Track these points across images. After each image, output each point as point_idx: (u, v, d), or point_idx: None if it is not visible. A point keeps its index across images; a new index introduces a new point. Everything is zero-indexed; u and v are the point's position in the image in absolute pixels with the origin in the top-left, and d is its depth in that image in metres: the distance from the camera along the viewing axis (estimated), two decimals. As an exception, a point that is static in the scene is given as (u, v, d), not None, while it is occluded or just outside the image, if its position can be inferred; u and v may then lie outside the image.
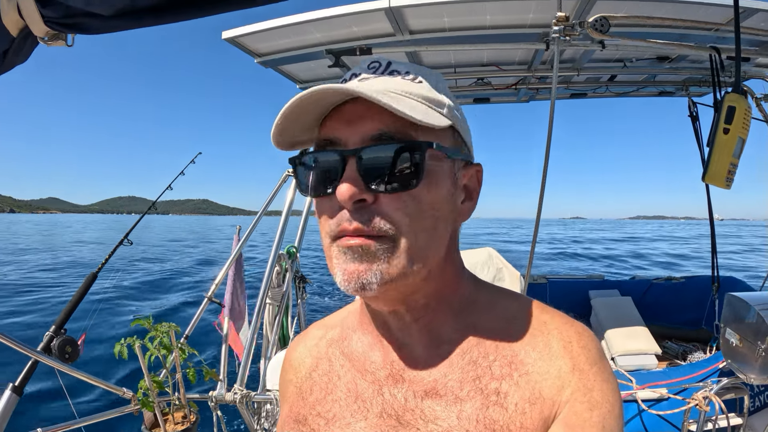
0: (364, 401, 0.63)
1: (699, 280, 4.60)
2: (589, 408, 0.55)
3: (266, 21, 2.48)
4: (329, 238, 0.58)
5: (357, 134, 0.56)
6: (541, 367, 0.58)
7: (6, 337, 1.94)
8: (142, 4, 0.86)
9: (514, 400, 0.56)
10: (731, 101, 2.10)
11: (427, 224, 0.57)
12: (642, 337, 3.75)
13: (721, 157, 2.13)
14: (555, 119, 2.10)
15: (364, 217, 0.54)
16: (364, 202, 0.55)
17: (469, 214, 0.65)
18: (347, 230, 0.55)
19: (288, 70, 3.08)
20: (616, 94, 3.54)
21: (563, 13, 1.80)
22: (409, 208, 0.55)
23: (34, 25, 0.89)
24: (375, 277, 0.54)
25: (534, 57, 2.88)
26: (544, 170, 2.01)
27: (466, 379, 0.59)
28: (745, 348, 2.18)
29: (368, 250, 0.54)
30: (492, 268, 2.98)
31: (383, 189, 0.55)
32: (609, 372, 0.59)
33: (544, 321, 0.63)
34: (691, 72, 3.14)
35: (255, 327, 2.55)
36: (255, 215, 2.99)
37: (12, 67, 1.02)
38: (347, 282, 0.55)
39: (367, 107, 0.55)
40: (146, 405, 2.14)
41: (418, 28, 2.53)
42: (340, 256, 0.56)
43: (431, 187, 0.57)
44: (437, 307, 0.64)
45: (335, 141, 0.57)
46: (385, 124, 0.55)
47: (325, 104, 0.57)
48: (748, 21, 2.27)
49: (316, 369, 0.72)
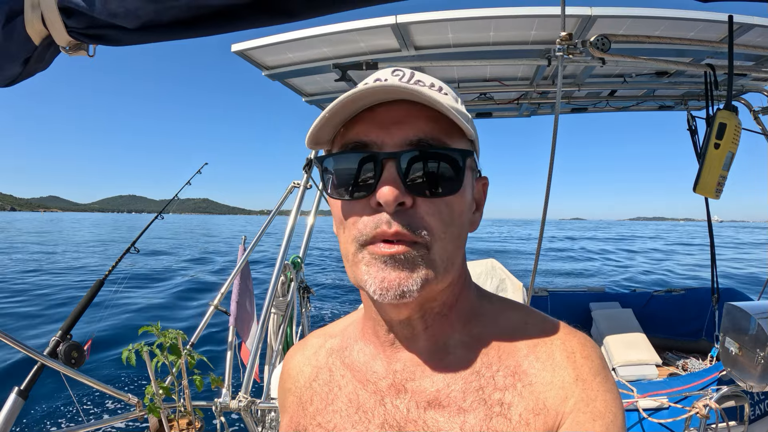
0: (366, 412, 0.63)
1: (699, 291, 4.63)
2: (592, 418, 0.54)
3: (275, 35, 2.54)
4: (357, 244, 0.57)
5: (395, 138, 0.56)
6: (545, 377, 0.58)
7: (13, 340, 1.95)
8: (167, 18, 0.87)
9: (518, 410, 0.56)
10: (722, 118, 2.20)
11: (455, 232, 0.59)
12: (642, 347, 3.77)
13: (711, 170, 2.24)
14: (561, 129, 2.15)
15: (404, 221, 0.54)
16: (403, 206, 0.55)
17: (478, 225, 0.67)
18: (386, 233, 0.54)
19: (294, 83, 3.14)
20: (616, 108, 3.60)
21: (566, 32, 1.87)
22: (443, 215, 0.56)
23: (58, 35, 0.88)
24: (416, 285, 0.54)
25: (536, 73, 2.95)
26: (547, 187, 2.05)
27: (470, 389, 0.59)
28: (744, 356, 2.21)
29: (409, 258, 0.54)
30: (495, 278, 3.01)
31: (424, 193, 0.55)
32: (611, 382, 0.59)
33: (547, 331, 0.63)
34: (690, 86, 3.20)
35: (260, 336, 2.58)
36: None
37: (33, 75, 1.03)
38: (385, 290, 0.54)
39: (405, 112, 0.57)
40: (153, 411, 2.16)
41: (424, 44, 2.59)
42: (374, 264, 0.55)
43: (461, 196, 0.59)
44: (448, 315, 0.64)
45: (369, 144, 0.57)
46: (422, 131, 0.56)
47: (358, 106, 0.57)
48: (743, 37, 2.33)
49: (316, 379, 0.72)
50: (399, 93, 0.54)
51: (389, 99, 0.57)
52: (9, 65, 0.94)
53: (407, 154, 0.55)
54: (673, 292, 4.74)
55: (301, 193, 3.04)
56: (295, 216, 2.86)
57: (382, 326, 0.65)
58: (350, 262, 0.58)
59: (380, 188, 0.54)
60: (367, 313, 0.69)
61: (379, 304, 0.64)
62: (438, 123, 0.57)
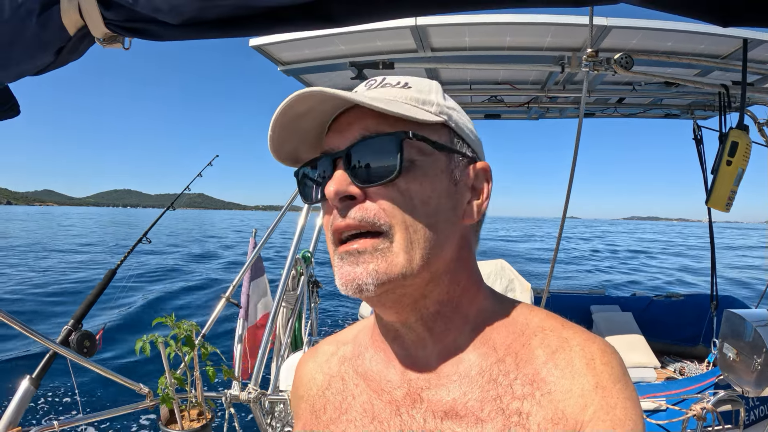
0: (381, 422, 0.61)
1: (698, 298, 4.71)
2: (612, 426, 0.53)
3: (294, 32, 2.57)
4: (333, 246, 0.59)
5: (345, 139, 0.58)
6: (564, 385, 0.56)
7: (26, 328, 1.95)
8: (211, 16, 0.85)
9: (537, 420, 0.54)
10: (735, 137, 2.29)
11: (422, 220, 0.56)
12: (641, 351, 3.84)
13: (723, 185, 2.34)
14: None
15: (353, 213, 0.56)
16: (353, 200, 0.56)
17: (478, 214, 0.64)
18: (338, 227, 0.56)
19: (309, 79, 3.16)
20: (623, 115, 3.65)
21: (592, 50, 1.92)
22: (397, 202, 0.56)
23: (94, 27, 0.86)
24: (370, 278, 0.54)
25: (548, 78, 2.99)
26: (568, 190, 2.10)
27: (487, 398, 0.57)
28: (741, 362, 2.28)
29: (364, 252, 0.55)
30: (504, 279, 3.05)
31: (368, 183, 0.56)
32: (632, 389, 0.58)
33: (565, 337, 0.60)
34: (697, 96, 3.26)
35: (270, 329, 2.61)
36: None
37: (65, 64, 1.00)
38: (345, 285, 0.56)
39: (356, 116, 0.58)
40: (166, 401, 2.19)
41: (440, 46, 2.62)
42: (338, 262, 0.57)
43: (420, 181, 0.57)
44: (452, 316, 0.62)
45: (329, 150, 0.60)
46: (366, 128, 0.57)
47: (318, 119, 0.60)
48: (752, 52, 2.39)
49: (329, 387, 0.70)
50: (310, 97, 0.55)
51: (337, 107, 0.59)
52: (41, 54, 0.93)
53: (351, 149, 0.57)
54: (672, 298, 4.81)
55: None
56: (307, 210, 2.90)
57: (388, 333, 0.65)
58: (332, 264, 0.60)
59: (326, 186, 0.56)
60: (376, 319, 0.69)
61: (376, 310, 0.65)
62: (385, 118, 0.56)
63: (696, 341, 4.45)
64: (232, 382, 2.45)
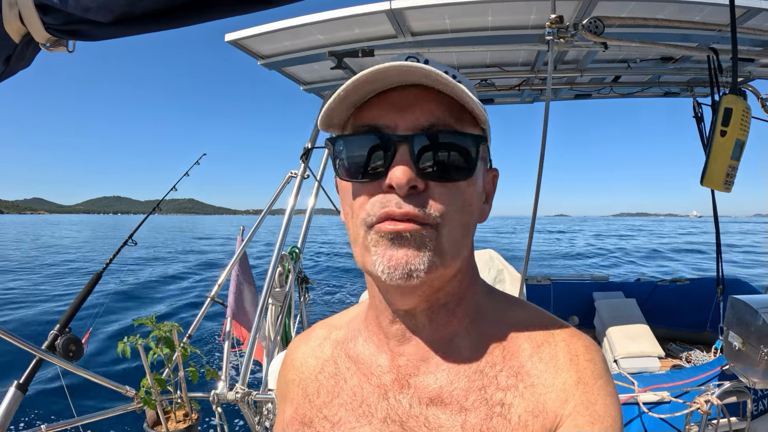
0: (369, 405, 0.63)
1: (704, 282, 4.57)
2: (591, 422, 0.54)
3: (269, 23, 2.49)
4: (365, 226, 0.56)
5: (408, 121, 0.55)
6: (547, 379, 0.58)
7: (11, 336, 1.96)
8: (140, 10, 0.86)
9: (518, 411, 0.56)
10: (728, 103, 2.08)
11: (465, 220, 0.58)
12: (645, 339, 3.73)
13: (718, 159, 2.11)
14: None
15: (416, 203, 0.53)
16: (415, 189, 0.54)
17: (486, 216, 0.66)
18: (394, 214, 0.53)
19: (292, 72, 3.09)
20: (620, 95, 3.51)
21: (555, 15, 1.79)
22: (454, 200, 0.56)
23: (36, 32, 0.89)
24: (423, 264, 0.53)
25: (537, 58, 2.88)
26: (539, 176, 2.00)
27: (472, 388, 0.58)
28: (748, 352, 2.16)
29: (416, 236, 0.53)
30: (493, 269, 2.97)
31: (436, 178, 0.55)
32: (612, 386, 0.60)
33: (552, 332, 0.62)
34: (696, 72, 3.11)
35: (257, 327, 2.57)
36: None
37: (15, 73, 1.03)
38: (393, 269, 0.53)
39: (418, 96, 0.56)
40: (148, 403, 2.16)
41: (420, 29, 2.53)
42: (382, 242, 0.54)
43: (475, 185, 0.58)
44: (455, 309, 0.63)
45: (381, 127, 0.56)
46: (434, 115, 0.55)
47: (371, 88, 0.56)
48: (750, 21, 2.24)
49: (322, 371, 0.71)
50: (413, 72, 0.52)
51: (404, 81, 0.55)
52: None
53: (420, 138, 0.54)
54: (677, 282, 4.68)
55: (298, 183, 3.01)
56: (292, 206, 2.84)
57: (386, 317, 0.65)
58: (359, 245, 0.58)
59: (393, 170, 0.53)
60: (371, 303, 0.68)
61: (384, 292, 0.63)
62: (450, 108, 0.56)
63: (702, 327, 4.32)
64: (218, 382, 2.42)
